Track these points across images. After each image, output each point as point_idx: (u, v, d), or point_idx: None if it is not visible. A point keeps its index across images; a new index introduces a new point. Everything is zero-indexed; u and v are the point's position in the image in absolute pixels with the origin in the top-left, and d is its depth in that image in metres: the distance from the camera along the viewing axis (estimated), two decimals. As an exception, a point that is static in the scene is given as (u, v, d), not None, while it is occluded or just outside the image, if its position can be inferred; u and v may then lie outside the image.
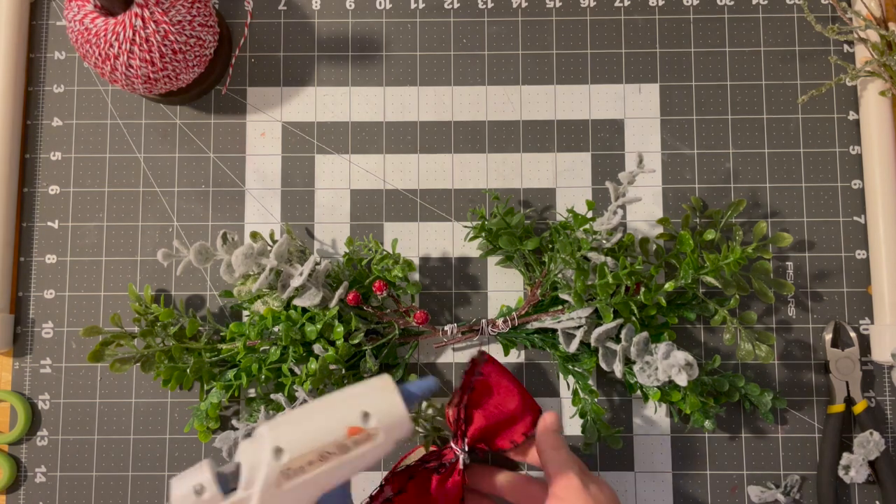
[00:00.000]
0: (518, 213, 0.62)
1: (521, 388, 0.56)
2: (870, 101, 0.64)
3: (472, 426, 0.55)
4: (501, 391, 0.55)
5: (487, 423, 0.55)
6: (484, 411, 0.55)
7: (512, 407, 0.55)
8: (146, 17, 0.57)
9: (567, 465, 0.52)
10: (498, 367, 0.56)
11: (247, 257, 0.56)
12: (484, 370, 0.56)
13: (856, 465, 0.61)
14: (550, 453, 0.53)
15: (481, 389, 0.55)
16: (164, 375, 0.59)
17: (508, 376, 0.56)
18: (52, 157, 0.66)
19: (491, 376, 0.56)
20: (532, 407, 0.55)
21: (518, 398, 0.55)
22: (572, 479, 0.51)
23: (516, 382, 0.56)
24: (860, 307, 0.64)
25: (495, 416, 0.55)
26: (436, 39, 0.68)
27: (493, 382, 0.55)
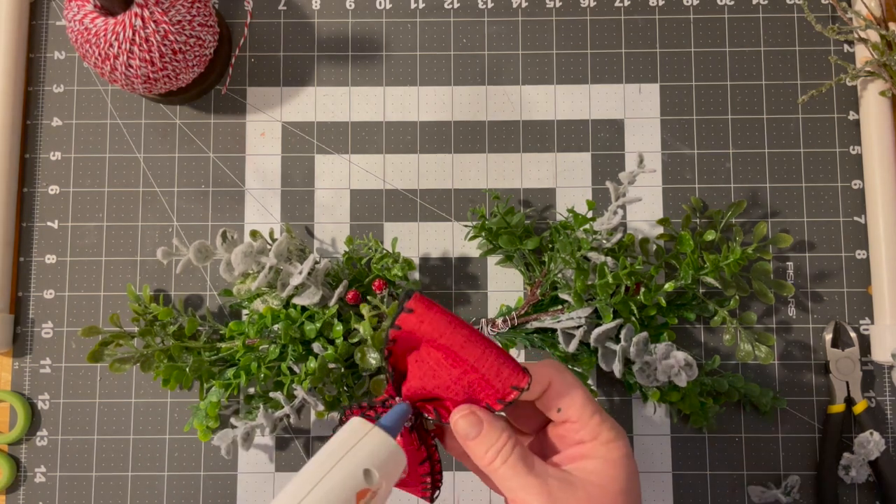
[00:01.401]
0: (518, 213, 0.62)
1: (471, 339, 0.40)
2: (870, 101, 0.64)
3: (406, 382, 0.42)
4: (436, 345, 0.41)
5: (425, 384, 0.41)
6: (420, 366, 0.41)
7: (461, 366, 0.40)
8: (146, 17, 0.57)
9: (529, 492, 0.39)
10: (429, 315, 0.41)
11: (246, 256, 0.56)
12: (400, 321, 0.41)
13: (856, 466, 0.61)
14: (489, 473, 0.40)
15: (407, 341, 0.41)
16: (163, 375, 0.59)
17: (450, 326, 0.41)
18: (52, 157, 0.66)
19: (417, 328, 0.41)
20: (503, 365, 0.40)
21: (470, 356, 0.40)
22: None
23: (464, 333, 0.40)
24: (860, 307, 0.64)
25: (435, 374, 0.41)
26: (436, 39, 0.68)
27: (422, 336, 0.41)
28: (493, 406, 0.40)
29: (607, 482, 0.39)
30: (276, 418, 0.59)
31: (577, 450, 0.40)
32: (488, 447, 0.39)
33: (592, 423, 0.40)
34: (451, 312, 0.41)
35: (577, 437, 0.41)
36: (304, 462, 0.63)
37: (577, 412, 0.40)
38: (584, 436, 0.40)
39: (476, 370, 0.40)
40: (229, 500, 0.63)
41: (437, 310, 0.41)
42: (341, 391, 0.60)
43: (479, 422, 0.39)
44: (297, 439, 0.63)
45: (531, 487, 0.38)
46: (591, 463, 0.39)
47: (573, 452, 0.41)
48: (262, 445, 0.63)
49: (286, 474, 0.63)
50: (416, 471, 0.43)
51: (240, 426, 0.59)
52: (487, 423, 0.39)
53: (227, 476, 0.63)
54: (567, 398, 0.40)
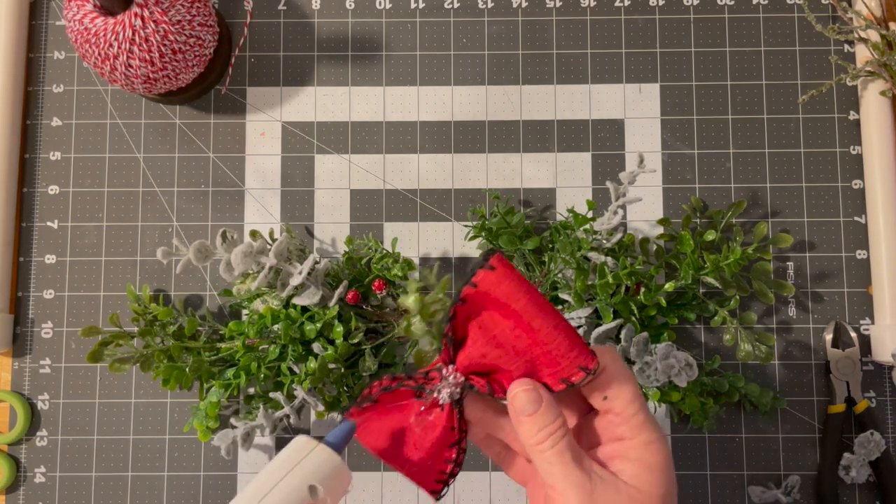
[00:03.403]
0: (518, 213, 0.62)
1: (546, 311, 0.38)
2: (870, 101, 0.64)
3: (465, 350, 0.40)
4: (508, 312, 0.38)
5: (487, 352, 0.39)
6: (483, 333, 0.39)
7: (529, 338, 0.38)
8: (146, 17, 0.57)
9: (571, 483, 0.37)
10: (509, 278, 0.38)
11: (246, 255, 0.56)
12: (478, 278, 0.38)
13: (856, 466, 0.61)
14: (534, 454, 0.39)
15: (477, 303, 0.39)
16: (163, 375, 0.59)
17: (527, 293, 0.38)
18: (52, 156, 0.66)
19: (494, 289, 0.38)
20: (574, 343, 0.38)
21: (541, 328, 0.38)
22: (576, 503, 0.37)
23: (540, 303, 0.38)
24: (861, 307, 0.64)
25: (499, 344, 0.39)
26: (436, 39, 0.68)
27: (497, 298, 0.38)
28: (554, 385, 0.38)
29: (648, 488, 0.38)
30: (276, 418, 0.59)
31: (616, 447, 0.39)
32: (542, 427, 0.38)
33: (636, 421, 0.38)
34: (528, 281, 0.39)
35: (617, 433, 0.39)
36: (304, 462, 0.63)
37: (623, 405, 0.39)
38: (624, 432, 0.39)
39: (545, 344, 0.38)
40: (229, 500, 0.63)
41: (517, 273, 0.39)
42: (341, 391, 0.60)
43: (539, 399, 0.38)
44: (297, 439, 0.63)
45: (574, 479, 0.37)
46: (630, 466, 0.38)
47: (611, 449, 0.39)
48: (262, 446, 0.63)
49: (286, 474, 0.63)
50: (440, 454, 0.40)
51: (240, 426, 0.59)
52: (547, 402, 0.38)
53: (227, 476, 0.63)
54: (616, 387, 0.39)
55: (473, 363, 0.39)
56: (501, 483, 0.63)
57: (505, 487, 0.63)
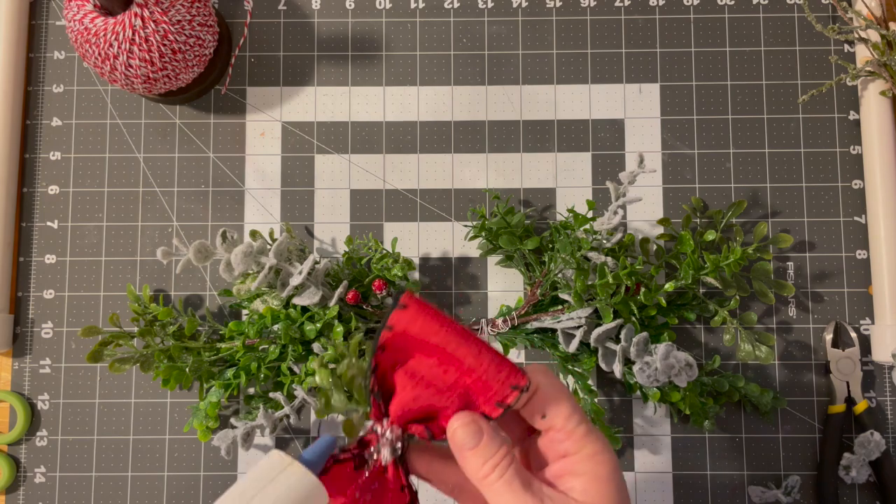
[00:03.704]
0: (518, 213, 0.62)
1: (466, 339, 0.38)
2: (870, 101, 0.64)
3: (395, 399, 0.38)
4: (430, 349, 0.38)
5: (418, 394, 0.38)
6: (410, 377, 0.38)
7: (455, 370, 0.37)
8: (146, 17, 0.57)
9: None
10: (423, 313, 0.38)
11: (246, 255, 0.56)
12: (393, 321, 0.38)
13: (856, 466, 0.61)
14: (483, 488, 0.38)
15: (397, 347, 0.38)
16: (163, 375, 0.59)
17: (443, 325, 0.38)
18: (52, 156, 0.66)
19: (410, 327, 0.37)
20: (501, 365, 0.38)
21: (465, 356, 0.37)
22: None
23: (459, 332, 0.38)
24: (861, 307, 0.64)
25: (429, 384, 0.38)
26: (436, 39, 0.68)
27: (415, 336, 0.38)
28: (492, 412, 0.38)
29: (598, 501, 0.37)
30: (276, 418, 0.59)
31: (563, 464, 0.38)
32: (486, 459, 0.37)
33: (578, 434, 0.38)
34: (442, 312, 0.39)
35: (561, 449, 0.38)
36: (304, 462, 0.63)
37: (563, 420, 0.38)
38: (568, 447, 0.38)
39: (473, 371, 0.37)
40: (229, 500, 0.63)
41: (430, 307, 0.38)
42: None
43: (480, 431, 0.37)
44: (297, 439, 0.63)
45: (527, 502, 0.36)
46: (580, 481, 0.37)
47: (558, 467, 0.39)
48: (262, 446, 0.63)
49: (286, 474, 0.63)
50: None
51: (240, 426, 0.59)
52: (488, 434, 0.37)
53: (227, 476, 0.63)
54: (553, 404, 0.38)
55: (407, 410, 0.38)
56: None
57: None
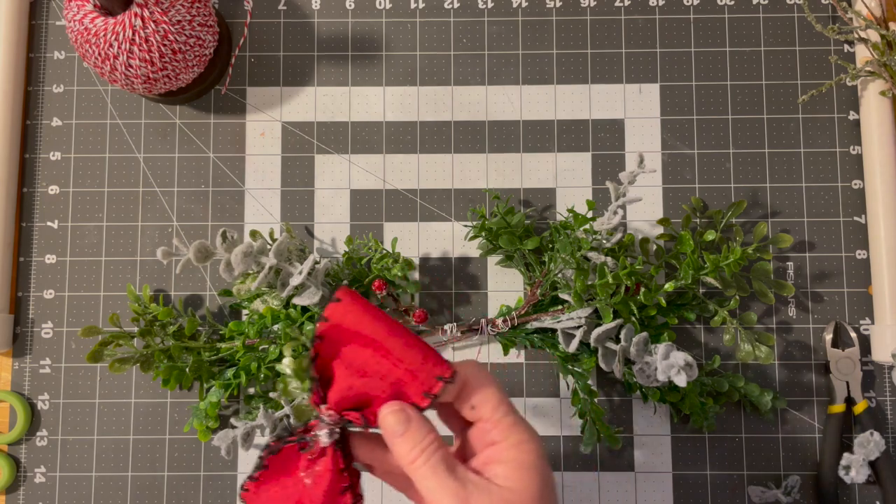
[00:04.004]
0: (518, 213, 0.62)
1: (396, 332, 0.40)
2: (870, 101, 0.64)
3: (334, 387, 0.41)
4: (364, 340, 0.40)
5: (353, 383, 0.40)
6: (346, 367, 0.40)
7: (387, 361, 0.40)
8: (146, 17, 0.57)
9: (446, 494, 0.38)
10: (356, 306, 0.41)
11: (246, 255, 0.56)
12: (328, 312, 0.40)
13: (856, 466, 0.61)
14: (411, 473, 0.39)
15: (333, 339, 0.41)
16: (163, 375, 0.59)
17: (375, 318, 0.40)
18: (52, 157, 0.66)
19: (345, 319, 0.40)
20: (427, 356, 0.40)
21: (395, 348, 0.40)
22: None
23: (389, 325, 0.40)
24: (860, 307, 0.64)
25: (363, 373, 0.40)
26: (436, 39, 0.68)
27: (349, 328, 0.40)
28: (420, 402, 0.40)
29: (521, 487, 0.38)
30: (276, 418, 0.59)
31: (489, 452, 0.40)
32: (413, 445, 0.39)
33: (504, 424, 0.40)
34: (376, 306, 0.41)
35: (489, 438, 0.40)
36: (304, 462, 0.63)
37: (490, 410, 0.40)
38: (495, 436, 0.40)
39: (402, 362, 0.40)
40: (229, 500, 0.63)
41: (363, 301, 0.41)
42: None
43: (408, 419, 0.40)
44: (297, 439, 0.63)
45: (449, 489, 0.38)
46: (503, 468, 0.39)
47: (486, 456, 0.40)
48: (262, 446, 0.63)
49: (286, 474, 0.63)
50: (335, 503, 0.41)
51: (240, 426, 0.59)
52: (415, 421, 0.40)
53: (227, 476, 0.63)
54: (480, 395, 0.40)
55: (343, 398, 0.40)
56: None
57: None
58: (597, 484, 0.63)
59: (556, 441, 0.63)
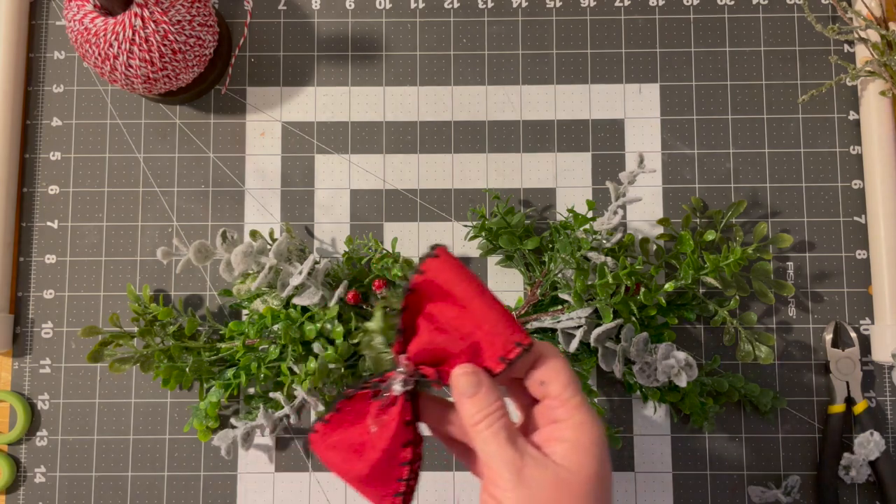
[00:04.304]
0: (518, 213, 0.62)
1: (485, 297, 0.41)
2: (870, 101, 0.64)
3: (415, 340, 0.42)
4: (452, 299, 0.41)
5: (434, 338, 0.41)
6: (430, 322, 0.41)
7: (470, 322, 0.40)
8: (146, 17, 0.57)
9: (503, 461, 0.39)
10: (451, 264, 0.41)
11: (246, 255, 0.56)
12: (425, 266, 0.41)
13: (856, 466, 0.61)
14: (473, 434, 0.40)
15: (425, 293, 0.41)
16: (163, 375, 0.59)
17: (466, 279, 0.41)
18: (52, 157, 0.66)
19: (438, 276, 0.41)
20: (509, 322, 0.41)
21: (480, 310, 0.40)
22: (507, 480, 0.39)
23: (478, 287, 0.41)
24: (860, 307, 0.64)
25: (445, 330, 0.41)
26: (436, 39, 0.68)
27: (441, 285, 0.41)
28: (494, 368, 0.40)
29: (577, 467, 0.39)
30: (277, 418, 0.59)
31: (551, 430, 0.41)
32: (480, 408, 0.40)
33: (571, 404, 0.40)
34: (467, 269, 0.42)
35: (553, 416, 0.41)
36: (303, 462, 0.63)
37: (559, 388, 0.41)
38: (560, 414, 0.40)
39: (484, 324, 0.40)
40: (229, 500, 0.63)
41: (459, 262, 0.42)
42: (341, 391, 0.60)
43: (479, 382, 0.40)
44: (297, 440, 0.63)
45: (506, 457, 0.39)
46: (562, 447, 0.40)
47: (547, 432, 0.41)
48: (262, 446, 0.63)
49: (286, 474, 0.63)
50: (396, 455, 0.41)
51: (240, 426, 0.59)
52: (486, 386, 0.40)
53: (227, 476, 0.63)
54: (551, 371, 0.41)
55: (422, 351, 0.41)
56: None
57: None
58: (597, 484, 0.62)
59: (556, 441, 0.63)
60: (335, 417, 0.43)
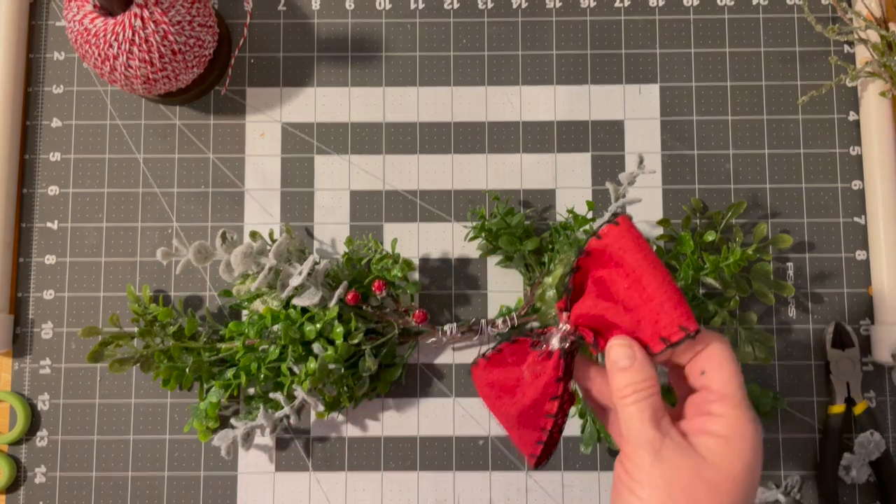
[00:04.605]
0: (518, 214, 0.62)
1: (658, 273, 0.40)
2: (870, 102, 0.64)
3: (581, 302, 0.42)
4: (625, 270, 0.40)
5: (598, 304, 0.41)
6: (599, 288, 0.41)
7: (638, 295, 0.40)
8: (146, 18, 0.57)
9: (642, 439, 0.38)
10: (630, 235, 0.41)
11: (246, 256, 0.56)
12: (603, 232, 0.41)
13: (856, 466, 0.61)
14: (619, 406, 0.40)
15: (598, 258, 0.41)
16: (163, 375, 0.59)
17: (643, 251, 0.40)
18: (52, 157, 0.66)
19: (616, 244, 0.40)
20: (678, 303, 0.39)
21: (651, 286, 0.39)
22: (643, 458, 0.38)
23: (653, 263, 0.40)
24: (860, 308, 0.64)
25: (612, 299, 0.41)
26: (436, 40, 0.68)
27: (617, 253, 0.40)
28: (654, 346, 0.39)
29: (721, 465, 0.37)
30: (277, 419, 0.59)
31: (703, 421, 0.39)
32: (630, 382, 0.39)
33: (731, 400, 0.38)
34: (646, 242, 0.41)
35: (708, 408, 0.39)
36: (303, 462, 0.63)
37: (721, 383, 0.39)
38: (716, 409, 0.38)
39: (651, 301, 0.39)
40: (229, 500, 0.63)
41: (637, 233, 0.41)
42: (341, 392, 0.60)
43: (633, 356, 0.39)
44: (298, 440, 0.63)
45: (646, 436, 0.38)
46: (711, 440, 0.38)
47: (699, 422, 0.39)
48: (262, 446, 0.63)
49: (286, 474, 0.63)
50: (542, 405, 0.42)
51: (240, 426, 0.59)
52: (640, 361, 0.39)
53: (227, 476, 0.63)
54: (717, 363, 0.39)
55: (585, 314, 0.41)
56: (502, 483, 0.63)
57: (505, 487, 0.63)
58: (597, 484, 0.63)
59: (556, 441, 0.63)
60: (495, 357, 0.44)
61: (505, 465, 0.63)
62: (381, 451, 0.63)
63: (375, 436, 0.63)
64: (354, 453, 0.63)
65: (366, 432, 0.63)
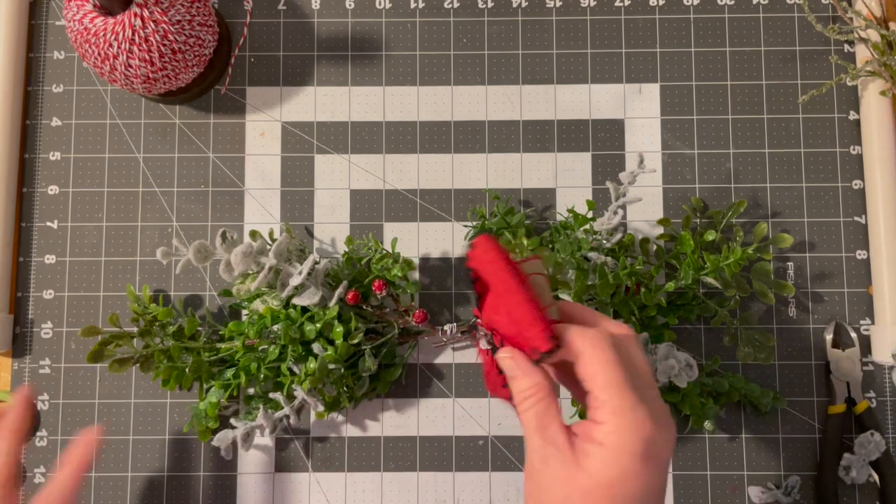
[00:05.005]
0: (518, 213, 0.62)
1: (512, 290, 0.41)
2: (870, 101, 0.64)
3: (483, 311, 0.44)
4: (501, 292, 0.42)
5: (491, 316, 0.43)
6: (491, 299, 0.43)
7: (504, 312, 0.41)
8: (145, 17, 0.57)
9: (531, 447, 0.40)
10: (485, 259, 0.42)
11: (246, 256, 0.56)
12: (471, 254, 0.43)
13: (856, 466, 0.61)
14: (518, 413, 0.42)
15: (478, 272, 0.43)
16: (163, 375, 0.59)
17: (499, 272, 0.41)
18: (52, 157, 0.66)
19: (479, 265, 0.42)
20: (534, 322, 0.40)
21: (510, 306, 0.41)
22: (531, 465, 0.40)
23: (509, 285, 0.41)
24: (861, 307, 0.64)
25: (496, 309, 0.42)
26: (436, 39, 0.68)
27: (481, 271, 0.42)
28: (532, 355, 0.41)
29: (593, 469, 0.38)
30: (276, 419, 0.59)
31: (589, 427, 0.39)
32: (519, 389, 0.41)
33: (607, 407, 0.38)
34: (508, 259, 0.41)
35: (593, 414, 0.39)
36: (303, 462, 0.63)
37: (598, 389, 0.39)
38: (597, 415, 0.39)
39: (514, 319, 0.41)
40: (229, 500, 0.63)
41: (496, 253, 0.41)
42: (341, 391, 0.60)
43: (516, 367, 0.41)
44: (297, 440, 0.63)
45: (533, 444, 0.40)
46: (590, 446, 0.38)
47: (586, 427, 0.39)
48: (262, 446, 0.63)
49: (286, 475, 0.63)
50: (497, 382, 0.44)
51: (240, 426, 0.59)
52: (523, 369, 0.41)
53: (227, 476, 0.63)
54: (591, 373, 0.39)
55: (487, 319, 0.43)
56: (502, 483, 0.63)
57: (505, 487, 0.63)
58: (597, 484, 0.62)
59: (556, 441, 0.63)
60: None
61: (505, 465, 0.63)
62: (381, 451, 0.63)
63: (375, 436, 0.63)
64: (354, 453, 0.63)
65: (366, 432, 0.63)
